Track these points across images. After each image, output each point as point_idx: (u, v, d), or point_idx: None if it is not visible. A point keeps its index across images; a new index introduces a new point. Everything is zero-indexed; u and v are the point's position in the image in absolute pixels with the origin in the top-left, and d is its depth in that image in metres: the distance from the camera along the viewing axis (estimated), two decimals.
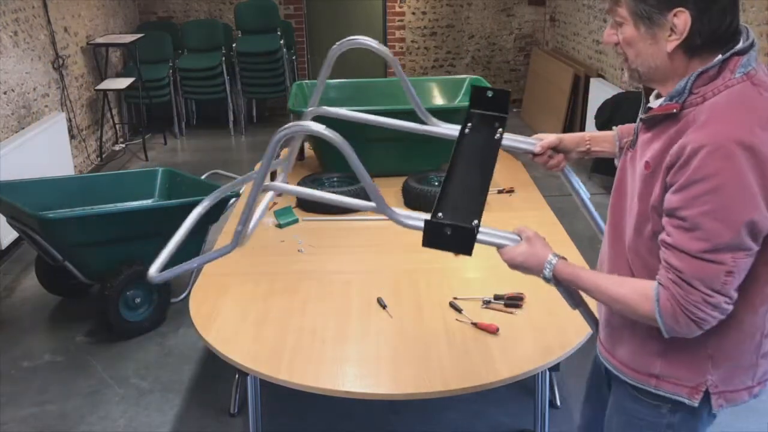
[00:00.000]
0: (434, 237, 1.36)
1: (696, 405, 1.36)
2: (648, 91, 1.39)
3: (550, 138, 1.69)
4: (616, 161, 1.57)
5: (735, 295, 1.24)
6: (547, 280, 1.44)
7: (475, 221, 1.36)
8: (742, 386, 1.38)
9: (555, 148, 1.70)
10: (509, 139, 1.66)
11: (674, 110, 1.24)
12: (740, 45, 1.23)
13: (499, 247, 1.48)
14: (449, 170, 1.51)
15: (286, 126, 1.41)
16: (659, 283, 1.27)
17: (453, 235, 1.35)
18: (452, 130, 1.69)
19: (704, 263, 1.21)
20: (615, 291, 1.34)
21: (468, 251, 1.37)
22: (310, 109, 1.82)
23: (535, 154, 1.70)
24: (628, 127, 1.63)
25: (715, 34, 1.21)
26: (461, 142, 1.59)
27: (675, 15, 1.20)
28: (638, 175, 1.33)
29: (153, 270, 1.69)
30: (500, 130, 1.59)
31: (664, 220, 1.26)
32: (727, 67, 1.22)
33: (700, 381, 1.35)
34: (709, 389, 1.35)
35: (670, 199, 1.23)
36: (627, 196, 1.39)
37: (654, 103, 1.34)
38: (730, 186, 1.16)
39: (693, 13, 1.19)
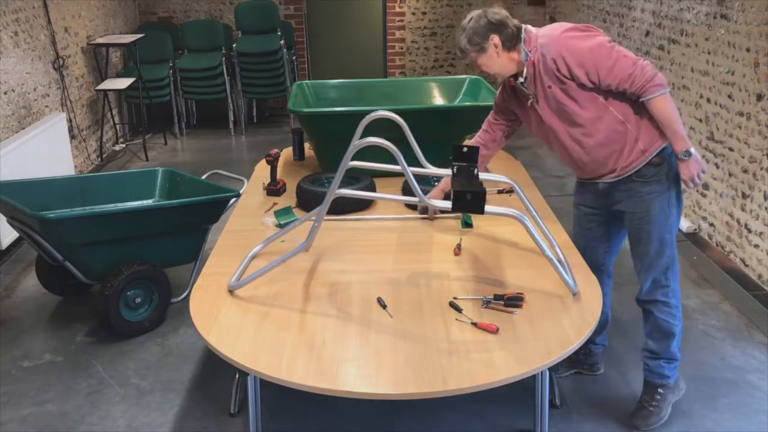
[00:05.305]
0: (461, 201, 2.11)
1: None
2: (515, 78, 2.46)
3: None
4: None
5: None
6: None
7: (482, 189, 2.18)
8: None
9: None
10: (483, 175, 2.47)
11: (533, 64, 2.37)
12: (523, 27, 2.42)
13: (505, 215, 2.24)
14: (454, 184, 2.29)
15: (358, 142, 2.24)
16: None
17: (472, 198, 2.10)
18: (445, 171, 2.52)
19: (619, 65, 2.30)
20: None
21: (481, 209, 2.11)
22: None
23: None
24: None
25: (512, 34, 2.39)
26: (455, 173, 2.40)
27: (492, 39, 2.38)
28: (549, 100, 2.40)
29: (232, 280, 2.40)
30: (475, 170, 2.38)
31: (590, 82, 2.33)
32: (529, 33, 2.39)
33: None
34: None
35: (578, 77, 2.32)
36: (546, 119, 2.44)
37: (521, 76, 2.43)
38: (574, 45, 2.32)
39: (498, 35, 2.38)
